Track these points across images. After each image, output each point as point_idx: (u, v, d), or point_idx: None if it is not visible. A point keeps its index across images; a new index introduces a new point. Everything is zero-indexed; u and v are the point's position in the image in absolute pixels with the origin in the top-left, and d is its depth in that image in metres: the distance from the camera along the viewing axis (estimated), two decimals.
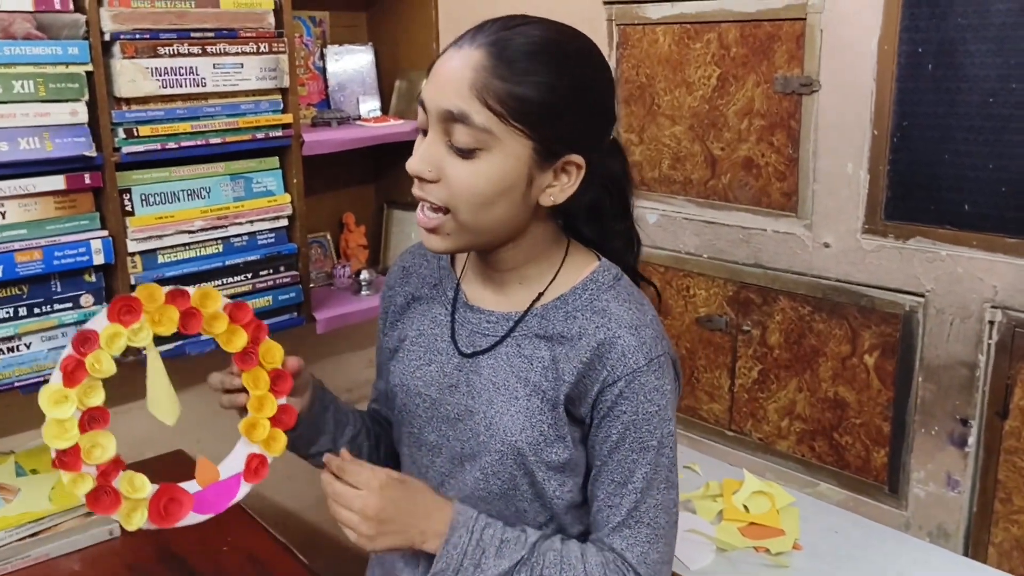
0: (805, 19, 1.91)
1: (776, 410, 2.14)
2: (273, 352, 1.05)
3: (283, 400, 1.05)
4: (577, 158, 0.96)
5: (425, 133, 0.97)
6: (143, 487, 0.97)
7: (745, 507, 1.54)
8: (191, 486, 1.01)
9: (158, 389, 1.01)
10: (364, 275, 1.82)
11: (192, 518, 1.00)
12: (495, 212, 0.95)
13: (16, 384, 1.34)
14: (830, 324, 2.00)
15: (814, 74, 1.93)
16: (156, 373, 1.01)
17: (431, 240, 0.98)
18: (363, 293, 1.82)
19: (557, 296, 1.03)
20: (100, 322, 0.96)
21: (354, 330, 1.93)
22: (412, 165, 0.95)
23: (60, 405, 0.93)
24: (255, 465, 1.04)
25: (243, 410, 1.05)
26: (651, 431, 0.99)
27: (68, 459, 0.93)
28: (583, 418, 1.01)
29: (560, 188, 0.98)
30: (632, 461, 0.99)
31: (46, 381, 1.35)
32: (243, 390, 1.05)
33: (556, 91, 0.92)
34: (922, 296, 1.84)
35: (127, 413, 1.50)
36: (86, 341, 0.95)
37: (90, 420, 0.94)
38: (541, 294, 1.04)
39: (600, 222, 1.09)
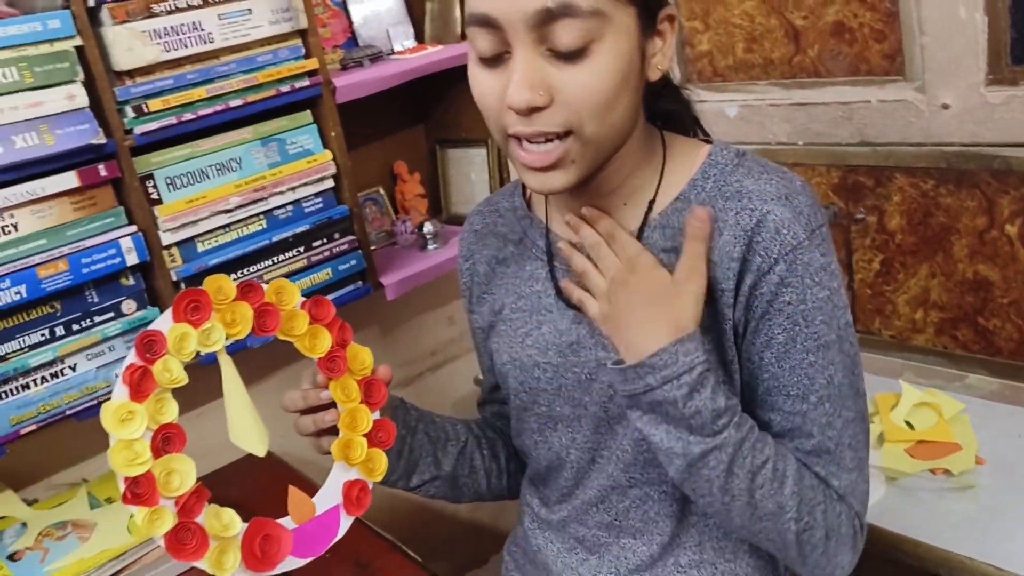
0: None
1: (907, 302, 1.90)
2: (362, 357, 0.89)
3: (376, 415, 0.89)
4: (670, 8, 0.78)
5: (493, 60, 0.76)
6: (233, 523, 0.81)
7: (908, 424, 1.33)
8: (286, 522, 0.86)
9: (239, 411, 0.84)
10: (427, 227, 1.64)
11: (291, 562, 0.84)
12: (619, 110, 0.76)
13: (68, 412, 1.20)
14: (960, 196, 1.74)
15: None
16: (234, 390, 0.84)
17: (551, 179, 0.78)
18: (430, 248, 1.63)
19: (675, 197, 0.84)
20: (165, 323, 0.81)
21: (426, 289, 1.76)
22: (518, 97, 0.73)
23: (127, 424, 0.77)
24: (355, 493, 0.88)
25: (327, 432, 0.89)
26: (825, 322, 0.80)
27: (142, 491, 0.77)
28: (736, 327, 0.82)
29: (662, 52, 0.79)
30: (809, 364, 0.80)
31: (100, 404, 1.22)
32: (327, 407, 0.88)
33: None
34: None
35: (189, 421, 1.35)
36: (152, 345, 0.79)
37: (164, 441, 0.78)
38: (652, 202, 0.84)
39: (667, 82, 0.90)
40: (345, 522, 0.88)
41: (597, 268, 0.85)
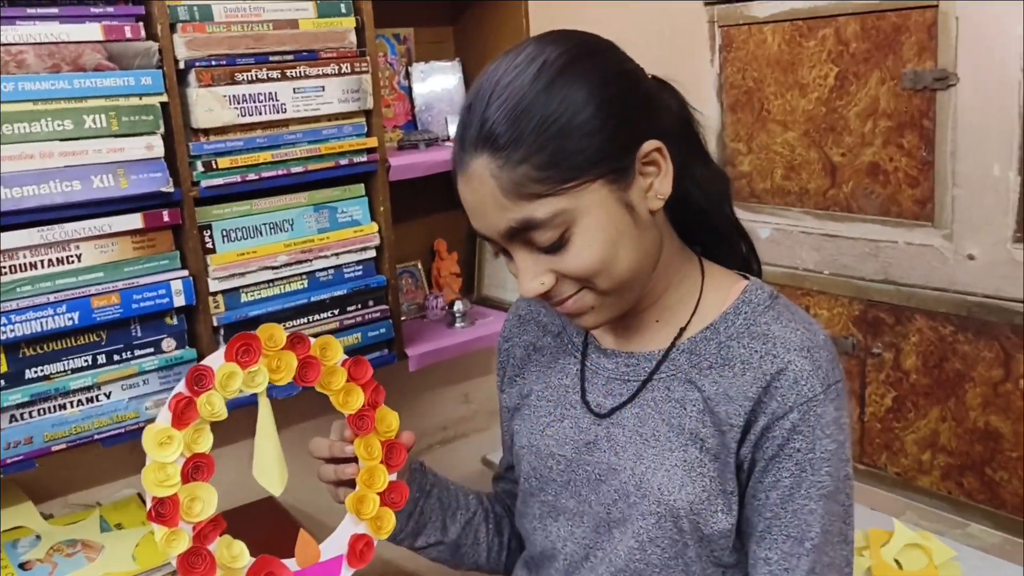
0: (937, 6, 1.71)
1: (915, 442, 1.92)
2: (389, 420, 0.95)
3: (393, 476, 0.94)
4: (649, 144, 0.82)
5: (506, 253, 0.86)
6: (241, 556, 0.87)
7: (897, 562, 1.35)
8: (290, 564, 0.90)
9: (267, 451, 0.90)
10: (458, 305, 1.71)
11: None
12: (624, 260, 0.83)
13: (96, 436, 1.26)
14: (978, 346, 1.78)
15: (950, 66, 1.72)
16: (266, 431, 0.90)
17: (584, 320, 0.88)
18: (457, 325, 1.70)
19: (705, 326, 0.89)
20: (216, 360, 0.87)
21: (447, 364, 1.81)
22: (528, 290, 0.84)
23: (165, 447, 0.84)
24: (360, 547, 0.92)
25: (345, 483, 0.94)
26: (830, 473, 0.84)
27: (166, 511, 0.82)
28: (741, 464, 0.86)
29: (659, 180, 0.84)
30: (809, 511, 0.84)
31: (127, 433, 1.29)
32: (349, 461, 0.93)
33: (578, 113, 0.79)
34: None
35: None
36: (201, 379, 0.86)
37: (194, 469, 0.84)
38: (683, 328, 0.90)
39: (692, 175, 0.93)
40: (345, 573, 0.92)
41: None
